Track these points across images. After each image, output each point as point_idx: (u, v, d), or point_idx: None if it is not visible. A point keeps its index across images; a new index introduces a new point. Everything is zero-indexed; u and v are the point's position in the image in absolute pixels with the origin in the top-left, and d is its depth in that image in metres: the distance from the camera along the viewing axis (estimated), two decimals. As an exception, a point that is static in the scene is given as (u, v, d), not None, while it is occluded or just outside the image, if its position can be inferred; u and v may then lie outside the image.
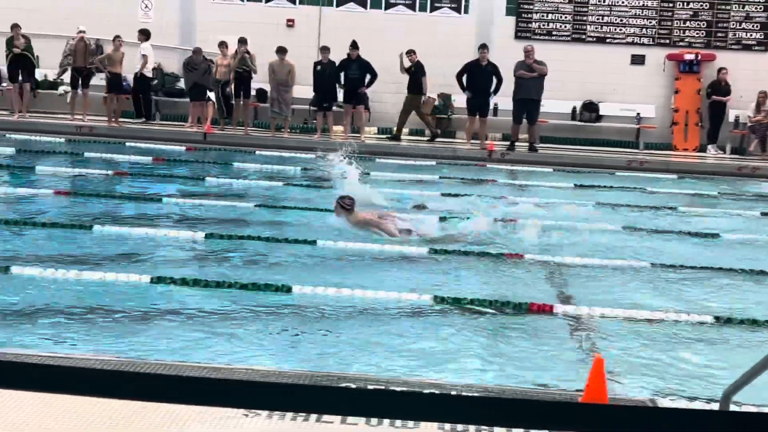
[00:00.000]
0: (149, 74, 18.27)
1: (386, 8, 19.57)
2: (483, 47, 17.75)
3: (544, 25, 19.76)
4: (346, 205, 9.27)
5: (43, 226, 8.97)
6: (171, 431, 3.71)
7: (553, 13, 19.75)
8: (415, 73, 18.02)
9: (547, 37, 19.59)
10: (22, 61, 17.46)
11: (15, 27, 17.36)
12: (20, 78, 17.54)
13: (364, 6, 19.56)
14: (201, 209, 10.60)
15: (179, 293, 6.89)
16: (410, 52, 18.04)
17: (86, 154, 14.64)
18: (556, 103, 18.89)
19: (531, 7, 19.72)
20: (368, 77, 17.73)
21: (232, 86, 17.94)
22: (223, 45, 17.81)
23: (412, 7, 19.62)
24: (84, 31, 17.53)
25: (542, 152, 17.66)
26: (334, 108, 18.14)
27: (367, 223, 9.25)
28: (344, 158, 11.90)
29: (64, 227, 8.97)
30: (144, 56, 18.06)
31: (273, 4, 19.37)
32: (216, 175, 13.39)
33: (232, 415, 3.79)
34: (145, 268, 7.50)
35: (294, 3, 19.40)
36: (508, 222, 10.31)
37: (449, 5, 19.64)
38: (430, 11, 19.64)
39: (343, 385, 4.31)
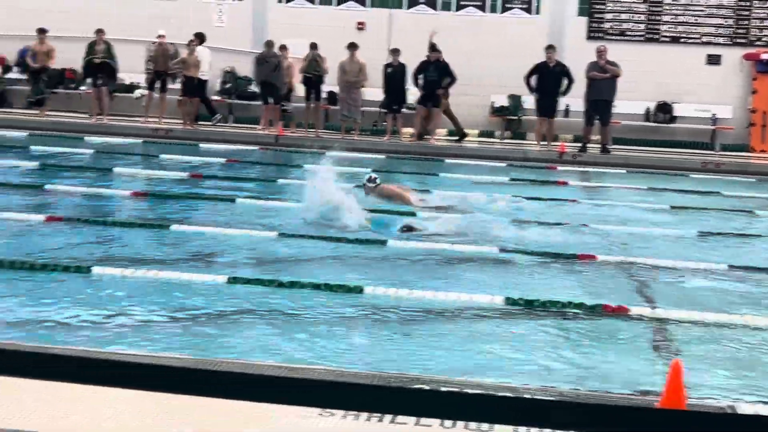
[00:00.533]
0: (205, 77, 18.38)
1: (456, 9, 19.56)
2: (549, 48, 17.61)
3: (617, 25, 19.50)
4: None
5: (122, 226, 9.19)
6: (250, 428, 3.79)
7: (626, 13, 19.48)
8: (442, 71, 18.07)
9: (620, 38, 19.34)
10: (101, 66, 17.91)
11: (99, 32, 17.80)
12: (99, 81, 18.00)
13: (434, 7, 19.57)
14: (273, 210, 10.74)
15: (254, 293, 7.00)
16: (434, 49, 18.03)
17: (162, 156, 14.96)
18: (629, 104, 18.64)
19: (603, 7, 19.49)
20: (447, 80, 17.72)
21: (287, 88, 18.14)
22: (283, 48, 18.02)
23: (482, 8, 19.56)
24: (163, 36, 17.90)
25: (615, 154, 17.44)
26: (404, 110, 18.22)
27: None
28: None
29: (142, 227, 9.18)
30: (198, 60, 18.32)
31: (343, 7, 19.52)
32: (287, 177, 13.55)
33: (308, 414, 3.85)
34: (220, 268, 7.64)
35: (364, 5, 19.51)
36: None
37: (520, 6, 19.53)
38: (501, 12, 19.56)
39: (417, 386, 4.34)
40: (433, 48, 17.61)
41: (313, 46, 17.94)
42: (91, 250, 8.17)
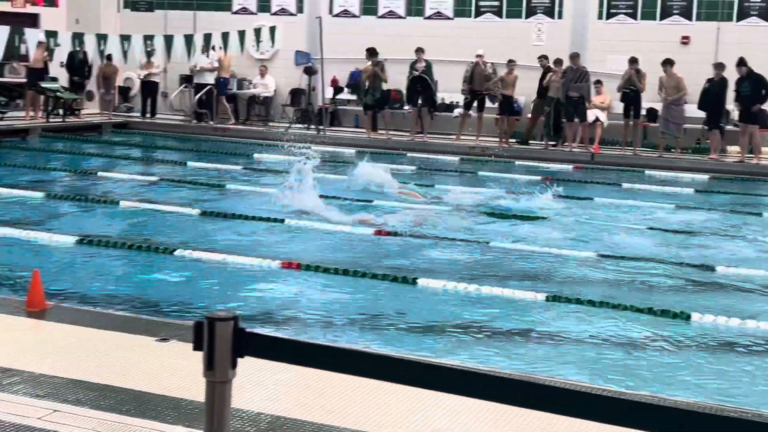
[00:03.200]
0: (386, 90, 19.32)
1: (795, 19, 18.17)
2: None
3: None
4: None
5: (443, 240, 9.51)
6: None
7: None
8: (543, 78, 17.95)
9: None
10: (421, 84, 18.64)
11: (419, 51, 18.61)
12: (419, 101, 18.77)
13: (767, 19, 18.31)
14: (591, 228, 10.60)
15: (574, 312, 6.96)
16: (542, 57, 17.99)
17: (479, 173, 15.31)
18: None
19: None
20: (763, 92, 16.50)
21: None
22: (558, 63, 17.65)
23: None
24: (481, 56, 18.32)
25: None
26: (729, 127, 17.21)
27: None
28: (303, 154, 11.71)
29: (463, 242, 9.45)
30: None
31: (668, 21, 18.83)
32: (604, 196, 13.29)
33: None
34: (540, 286, 7.68)
35: (690, 19, 18.70)
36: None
37: None
38: None
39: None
40: (741, 62, 16.48)
41: (632, 62, 17.49)
42: (416, 262, 8.55)
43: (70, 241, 8.78)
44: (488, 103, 18.55)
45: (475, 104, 18.53)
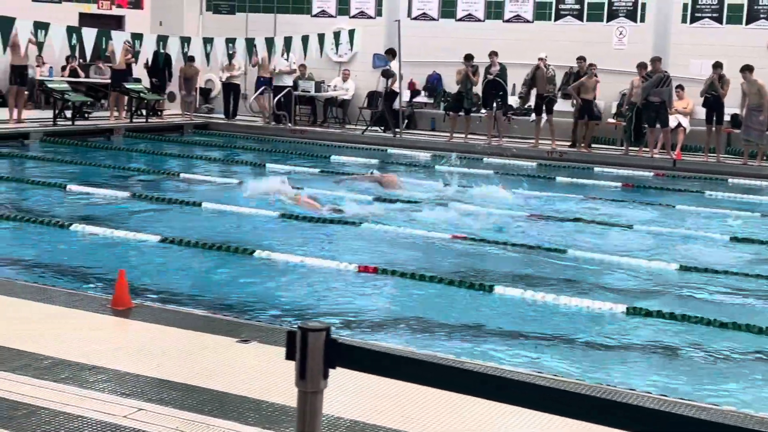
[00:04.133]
0: (397, 90, 19.38)
1: None
2: None
3: None
4: None
5: (520, 247, 9.44)
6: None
7: None
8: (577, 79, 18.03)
9: None
10: (495, 88, 18.49)
11: (492, 55, 18.48)
12: (494, 105, 18.64)
13: None
14: (666, 239, 10.40)
15: (653, 326, 6.85)
16: (580, 59, 18.02)
17: (558, 179, 15.14)
18: None
19: None
20: None
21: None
22: (642, 67, 17.26)
23: None
24: (543, 58, 18.08)
25: None
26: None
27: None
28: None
29: (539, 250, 9.36)
30: (393, 74, 19.30)
31: (754, 25, 18.34)
32: (686, 204, 13.04)
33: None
34: (619, 297, 7.57)
35: (777, 23, 18.20)
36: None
37: None
38: None
39: None
40: None
41: (716, 66, 17.07)
42: (491, 270, 8.51)
43: (154, 240, 8.99)
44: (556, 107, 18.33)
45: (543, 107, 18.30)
